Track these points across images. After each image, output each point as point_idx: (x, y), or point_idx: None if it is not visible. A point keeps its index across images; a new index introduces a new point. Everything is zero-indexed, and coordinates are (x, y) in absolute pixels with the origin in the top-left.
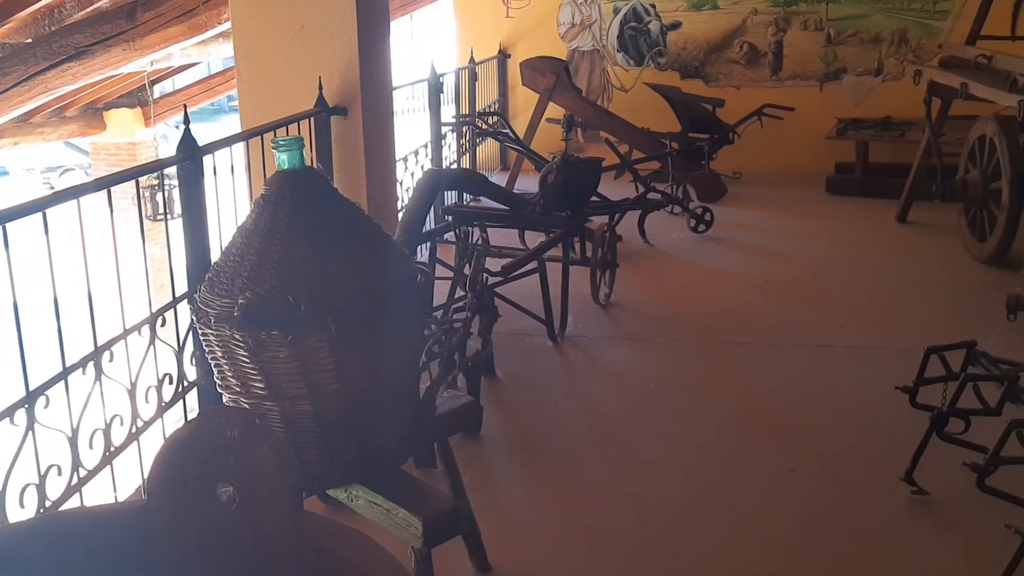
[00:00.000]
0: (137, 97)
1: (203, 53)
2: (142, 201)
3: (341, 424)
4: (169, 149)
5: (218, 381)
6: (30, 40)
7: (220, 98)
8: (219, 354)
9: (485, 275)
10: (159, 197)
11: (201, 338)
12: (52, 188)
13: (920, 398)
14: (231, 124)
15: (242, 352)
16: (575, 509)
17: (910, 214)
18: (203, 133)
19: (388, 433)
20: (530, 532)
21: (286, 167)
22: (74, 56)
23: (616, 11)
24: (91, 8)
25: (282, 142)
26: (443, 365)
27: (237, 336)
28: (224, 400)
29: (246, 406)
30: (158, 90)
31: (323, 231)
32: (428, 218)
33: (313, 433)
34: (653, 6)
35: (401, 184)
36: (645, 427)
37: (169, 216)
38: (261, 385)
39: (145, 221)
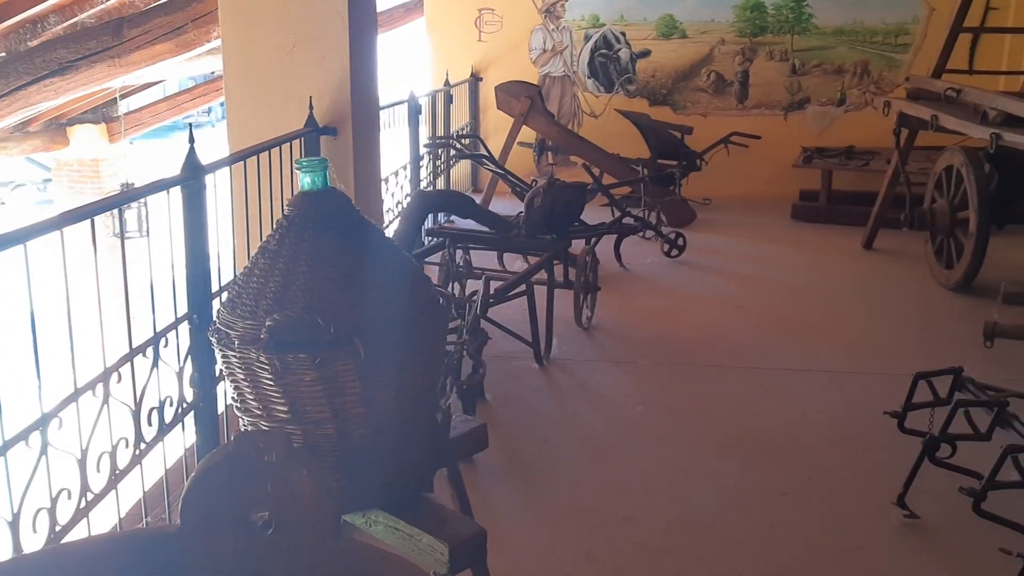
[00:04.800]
0: (102, 113)
1: (164, 71)
2: (114, 220)
3: (364, 448)
4: (129, 166)
5: (236, 404)
6: (4, 54)
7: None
8: (240, 377)
9: (485, 299)
10: (131, 216)
11: (221, 360)
12: (2, 203)
13: (907, 423)
14: (181, 141)
15: (266, 375)
16: (575, 534)
17: (875, 241)
18: (156, 150)
19: (410, 457)
20: (533, 558)
21: (310, 188)
22: (57, 71)
23: (587, 38)
24: (72, 20)
25: (306, 163)
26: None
27: (263, 358)
28: (242, 424)
29: (265, 429)
30: (123, 106)
31: (348, 253)
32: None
33: (335, 457)
34: (623, 34)
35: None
36: (636, 450)
37: (139, 234)
38: (284, 408)
39: (111, 239)
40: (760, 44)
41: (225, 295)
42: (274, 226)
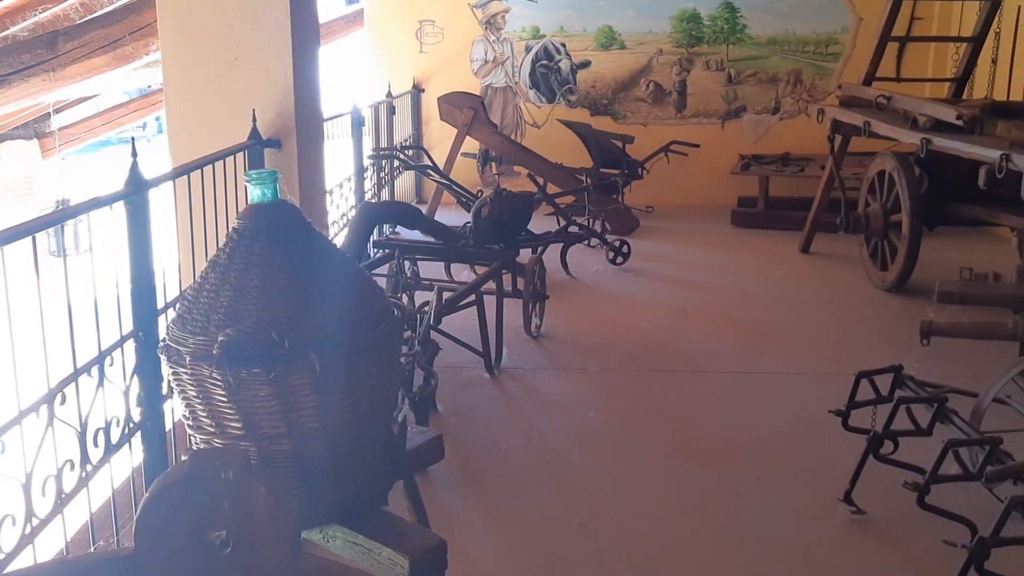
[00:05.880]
0: (34, 128)
1: (101, 85)
2: (50, 238)
3: (321, 462)
4: (63, 183)
5: (188, 422)
6: None
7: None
8: (192, 394)
9: (435, 310)
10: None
11: (171, 378)
12: None
13: (851, 421)
14: (116, 156)
15: (219, 391)
16: (530, 543)
17: (812, 245)
18: (87, 166)
19: (367, 470)
20: (490, 567)
21: (260, 201)
22: None
23: (528, 49)
24: (4, 33)
25: (255, 175)
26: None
27: (215, 375)
28: (194, 442)
29: (219, 446)
30: (55, 121)
31: (300, 265)
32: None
33: (291, 473)
34: (564, 45)
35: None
36: (589, 457)
37: (75, 252)
38: (238, 425)
39: (46, 257)
40: (697, 54)
41: (172, 311)
42: (220, 240)
